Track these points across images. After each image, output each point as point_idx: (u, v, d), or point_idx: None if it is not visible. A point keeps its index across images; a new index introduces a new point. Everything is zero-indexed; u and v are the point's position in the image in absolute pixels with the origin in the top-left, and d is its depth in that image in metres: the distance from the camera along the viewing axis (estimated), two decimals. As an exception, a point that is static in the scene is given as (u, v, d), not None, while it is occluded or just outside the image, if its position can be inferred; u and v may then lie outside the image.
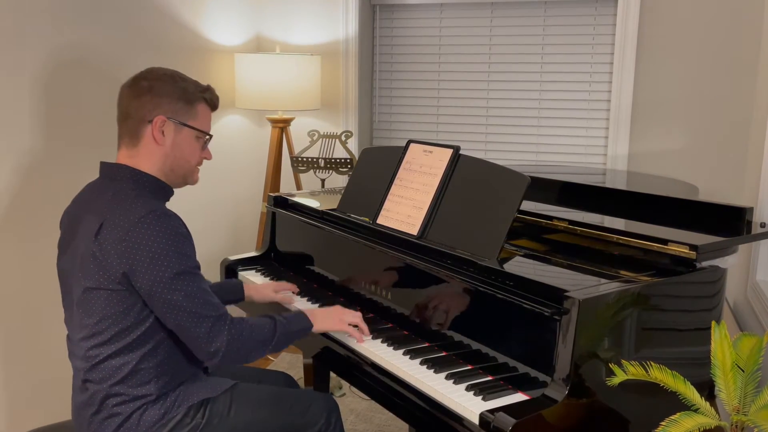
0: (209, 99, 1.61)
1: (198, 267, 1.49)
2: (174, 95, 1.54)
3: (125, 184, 1.51)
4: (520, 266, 1.66)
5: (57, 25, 2.21)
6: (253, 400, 1.62)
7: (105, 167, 1.57)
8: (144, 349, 1.48)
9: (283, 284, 2.03)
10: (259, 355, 1.55)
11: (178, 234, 1.45)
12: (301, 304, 1.96)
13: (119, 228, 1.42)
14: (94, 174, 1.61)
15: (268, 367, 2.99)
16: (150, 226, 1.42)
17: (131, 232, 1.42)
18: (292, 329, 1.61)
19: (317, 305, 1.94)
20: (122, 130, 1.56)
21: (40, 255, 2.16)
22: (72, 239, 1.53)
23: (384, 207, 1.89)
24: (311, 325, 1.66)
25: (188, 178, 1.61)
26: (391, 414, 1.73)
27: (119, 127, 1.57)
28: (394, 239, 1.81)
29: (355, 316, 1.70)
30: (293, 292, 2.02)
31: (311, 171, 2.91)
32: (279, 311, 1.97)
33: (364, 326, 1.70)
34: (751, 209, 1.72)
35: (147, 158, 1.54)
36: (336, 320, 1.68)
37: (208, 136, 1.62)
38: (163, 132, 1.53)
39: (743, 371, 1.26)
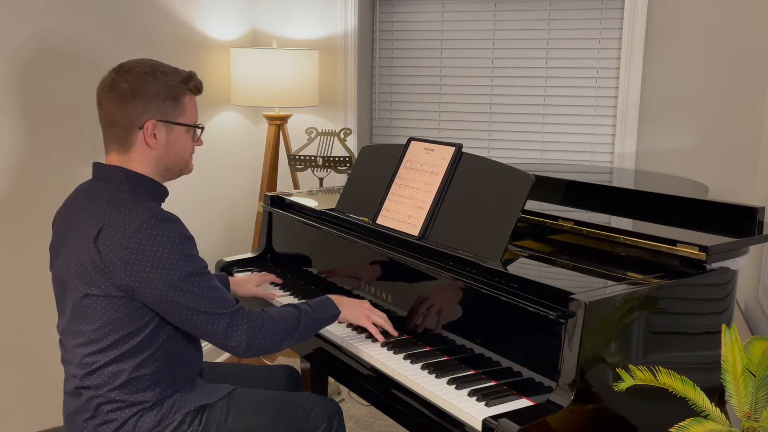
0: (194, 88, 1.56)
1: (206, 266, 1.49)
2: (159, 95, 1.49)
3: (121, 187, 1.48)
4: (525, 268, 1.65)
5: (43, 16, 2.17)
6: (252, 406, 1.60)
7: (98, 168, 1.54)
8: (142, 356, 1.47)
9: (265, 276, 2.06)
10: (286, 345, 1.56)
11: (182, 236, 1.44)
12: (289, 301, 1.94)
13: (120, 234, 1.40)
14: (84, 173, 1.57)
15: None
16: (153, 232, 1.40)
17: (134, 239, 1.40)
18: (318, 317, 1.62)
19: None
20: (109, 136, 1.53)
21: (29, 258, 2.12)
22: (65, 243, 1.50)
23: (384, 207, 1.87)
24: (338, 313, 1.67)
25: (184, 170, 1.60)
26: (391, 420, 1.71)
27: (105, 132, 1.53)
28: (394, 240, 1.79)
29: (381, 317, 1.71)
30: (275, 284, 2.05)
31: (309, 169, 2.89)
32: (265, 305, 1.96)
33: (389, 327, 1.70)
34: (763, 209, 1.71)
35: (140, 161, 1.51)
36: (362, 315, 1.69)
37: (199, 128, 1.60)
38: (155, 135, 1.50)
39: (754, 376, 1.25)
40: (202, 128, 1.60)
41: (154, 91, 1.48)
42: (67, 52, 2.27)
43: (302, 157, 2.86)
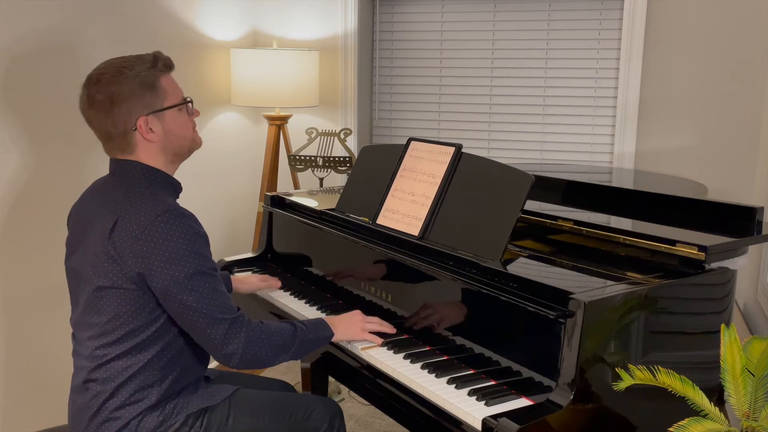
0: (164, 67, 1.54)
1: (215, 268, 1.48)
2: (136, 91, 1.48)
3: (138, 180, 1.50)
4: (524, 268, 1.65)
5: (48, 16, 2.17)
6: (253, 407, 1.60)
7: (115, 163, 1.55)
8: (151, 352, 1.47)
9: (269, 281, 2.06)
10: (278, 361, 1.55)
11: (196, 234, 1.45)
12: (293, 302, 1.95)
13: (135, 226, 1.41)
14: (95, 172, 1.57)
15: (262, 374, 2.95)
16: (167, 225, 1.41)
17: (147, 231, 1.41)
18: (312, 337, 1.61)
19: (314, 308, 1.93)
20: (110, 147, 1.53)
21: (34, 258, 2.13)
22: (83, 237, 1.51)
23: (384, 207, 1.86)
24: (332, 335, 1.66)
25: (192, 147, 1.60)
26: (391, 420, 1.71)
27: (105, 145, 1.54)
28: (394, 240, 1.79)
29: (375, 322, 1.70)
30: (275, 287, 2.06)
31: (309, 170, 2.89)
32: (264, 306, 1.95)
33: (386, 328, 1.70)
34: (762, 209, 1.71)
35: (148, 156, 1.53)
36: (357, 330, 1.68)
37: (189, 103, 1.58)
38: (151, 129, 1.51)
39: (753, 376, 1.25)
40: (191, 101, 1.58)
41: (128, 90, 1.47)
42: (71, 52, 2.27)
43: (302, 158, 2.86)
